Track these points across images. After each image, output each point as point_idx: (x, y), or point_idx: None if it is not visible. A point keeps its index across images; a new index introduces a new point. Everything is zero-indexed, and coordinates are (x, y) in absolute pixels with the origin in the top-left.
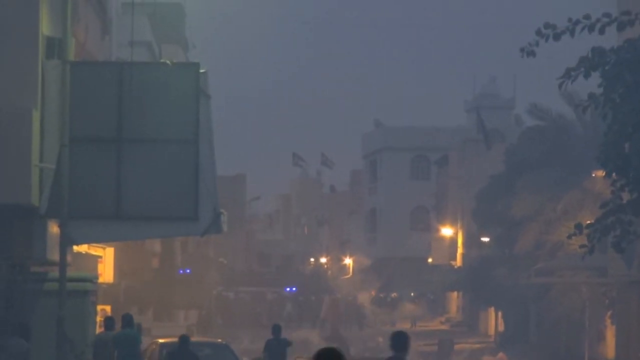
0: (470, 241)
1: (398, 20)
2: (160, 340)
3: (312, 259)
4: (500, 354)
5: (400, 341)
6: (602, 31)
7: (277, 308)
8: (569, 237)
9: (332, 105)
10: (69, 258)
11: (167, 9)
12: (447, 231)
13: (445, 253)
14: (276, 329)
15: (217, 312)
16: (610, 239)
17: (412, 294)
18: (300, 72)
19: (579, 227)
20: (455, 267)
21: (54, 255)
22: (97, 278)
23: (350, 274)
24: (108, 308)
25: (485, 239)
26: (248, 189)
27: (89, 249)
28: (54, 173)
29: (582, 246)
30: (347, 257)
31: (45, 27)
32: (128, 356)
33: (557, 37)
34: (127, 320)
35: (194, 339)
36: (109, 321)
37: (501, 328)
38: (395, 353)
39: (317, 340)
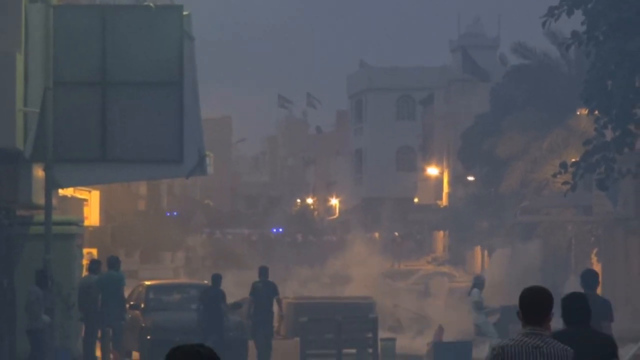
0: (456, 181)
1: None
2: (147, 283)
3: (298, 200)
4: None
5: (590, 279)
6: None
7: (263, 249)
8: (554, 175)
9: (317, 46)
10: (54, 201)
11: None
12: (432, 171)
13: (431, 193)
14: (263, 272)
15: (203, 254)
16: (594, 177)
17: (395, 234)
18: (285, 14)
19: (564, 166)
20: (441, 206)
21: (40, 199)
22: (82, 221)
23: (337, 214)
24: (94, 251)
25: (471, 178)
26: (234, 131)
27: (74, 192)
28: (39, 117)
29: (564, 183)
30: (334, 198)
31: None
32: (112, 298)
33: None
34: (112, 262)
35: (180, 280)
36: (93, 264)
37: (487, 267)
38: (586, 290)
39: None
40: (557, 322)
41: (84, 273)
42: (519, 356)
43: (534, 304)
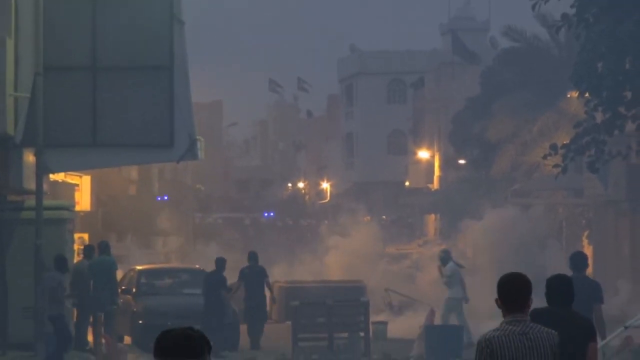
0: (447, 164)
1: None
2: (138, 267)
3: (289, 184)
4: None
5: (578, 261)
6: None
7: (255, 233)
8: (545, 157)
9: (308, 30)
10: (45, 186)
11: None
12: (423, 154)
13: (422, 176)
14: (252, 257)
15: (195, 238)
16: (585, 160)
17: (383, 217)
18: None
19: (554, 147)
20: (433, 189)
21: (31, 184)
22: (74, 206)
23: (328, 198)
24: (86, 236)
25: (462, 162)
26: (225, 115)
27: (65, 177)
28: (29, 102)
29: (555, 165)
30: (325, 182)
31: None
32: (103, 283)
33: None
34: (103, 247)
35: (171, 265)
36: (87, 249)
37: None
38: (575, 273)
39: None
40: (540, 303)
41: (76, 258)
42: (507, 345)
43: (513, 292)
